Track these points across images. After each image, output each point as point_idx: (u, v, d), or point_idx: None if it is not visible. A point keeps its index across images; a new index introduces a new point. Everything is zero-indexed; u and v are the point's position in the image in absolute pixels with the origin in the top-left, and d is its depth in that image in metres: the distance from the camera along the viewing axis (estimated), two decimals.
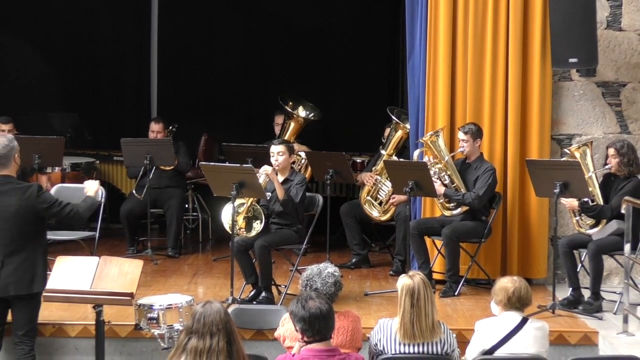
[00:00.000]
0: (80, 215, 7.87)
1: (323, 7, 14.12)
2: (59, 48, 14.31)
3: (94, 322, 7.72)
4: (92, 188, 8.12)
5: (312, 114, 12.02)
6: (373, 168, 11.15)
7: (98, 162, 12.88)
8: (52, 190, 9.82)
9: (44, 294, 7.61)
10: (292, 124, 11.95)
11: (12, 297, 7.61)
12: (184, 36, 14.49)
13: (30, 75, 14.27)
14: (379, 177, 10.93)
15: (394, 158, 10.76)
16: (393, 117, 11.01)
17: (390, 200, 10.82)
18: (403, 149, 10.97)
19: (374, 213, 11.00)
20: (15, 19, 14.03)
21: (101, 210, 10.10)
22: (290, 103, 11.94)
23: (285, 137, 11.53)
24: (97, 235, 10.18)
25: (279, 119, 12.18)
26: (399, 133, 10.97)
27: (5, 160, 7.60)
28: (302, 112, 11.96)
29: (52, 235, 9.37)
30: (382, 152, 11.05)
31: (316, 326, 5.82)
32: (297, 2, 13.98)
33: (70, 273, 7.58)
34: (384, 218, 11.02)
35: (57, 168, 11.72)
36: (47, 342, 8.23)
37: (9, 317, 7.81)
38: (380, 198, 10.95)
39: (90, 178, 11.74)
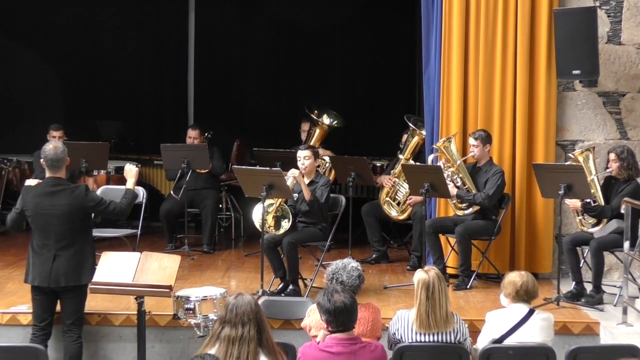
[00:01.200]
0: (123, 210, 7.95)
1: (348, 28, 14.19)
2: (105, 63, 14.41)
3: (136, 312, 7.75)
4: (131, 175, 8.17)
5: (336, 121, 12.02)
6: (392, 171, 11.14)
7: (140, 165, 12.82)
8: (98, 191, 9.86)
9: (91, 286, 7.67)
10: (317, 131, 11.95)
11: (61, 289, 7.67)
12: (218, 51, 14.57)
13: (78, 87, 14.37)
14: (397, 180, 10.91)
15: (411, 162, 10.73)
16: (410, 125, 11.00)
17: (408, 201, 10.81)
18: (419, 154, 10.95)
19: (393, 213, 10.99)
20: (67, 39, 14.13)
21: (142, 210, 10.17)
22: (316, 111, 11.95)
23: (311, 143, 11.53)
24: (139, 232, 10.20)
25: (305, 126, 12.20)
26: (416, 139, 10.95)
27: (61, 163, 7.72)
28: (326, 119, 11.96)
29: (97, 233, 9.41)
30: (400, 156, 11.04)
31: (340, 319, 5.84)
32: (326, 24, 14.01)
33: (114, 267, 7.63)
34: (401, 217, 11.01)
35: (102, 171, 11.77)
36: (93, 330, 8.26)
37: (58, 307, 7.85)
38: (399, 199, 10.94)
39: None
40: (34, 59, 14.20)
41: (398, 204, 10.95)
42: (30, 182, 7.96)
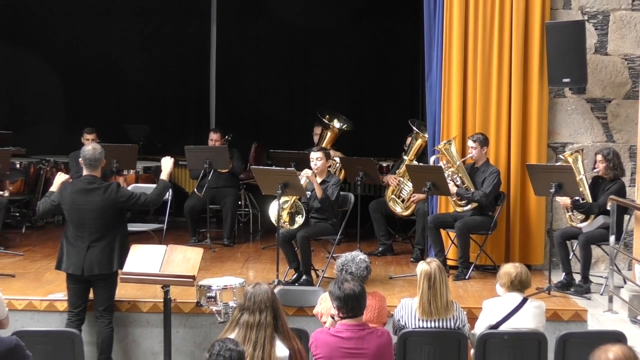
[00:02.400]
0: (154, 201, 7.97)
1: (357, 40, 14.19)
2: (134, 71, 14.44)
3: (162, 300, 7.76)
4: (166, 167, 8.17)
5: (346, 125, 12.01)
6: (397, 171, 11.14)
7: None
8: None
9: (121, 275, 7.70)
10: (329, 134, 11.95)
11: (94, 278, 7.71)
12: (237, 61, 14.61)
13: (110, 94, 14.41)
14: (401, 179, 10.91)
15: (415, 163, 10.73)
16: (414, 128, 11.00)
17: (411, 198, 10.80)
18: (422, 155, 10.93)
19: (398, 209, 10.98)
20: (98, 49, 14.16)
21: (168, 206, 10.19)
22: (327, 116, 11.95)
23: (323, 145, 11.54)
24: (165, 227, 10.23)
25: (317, 130, 12.19)
26: (419, 141, 10.95)
27: (97, 163, 7.79)
28: (337, 123, 11.96)
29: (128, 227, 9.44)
30: (405, 157, 11.04)
31: (349, 305, 5.84)
32: (336, 37, 14.06)
33: (142, 259, 7.64)
34: (405, 213, 11.00)
35: (131, 171, 11.80)
36: (123, 316, 8.28)
37: (91, 295, 7.89)
38: (403, 196, 10.93)
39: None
40: (69, 68, 14.27)
41: (402, 201, 10.94)
42: (61, 176, 8.02)
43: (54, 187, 7.95)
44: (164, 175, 8.13)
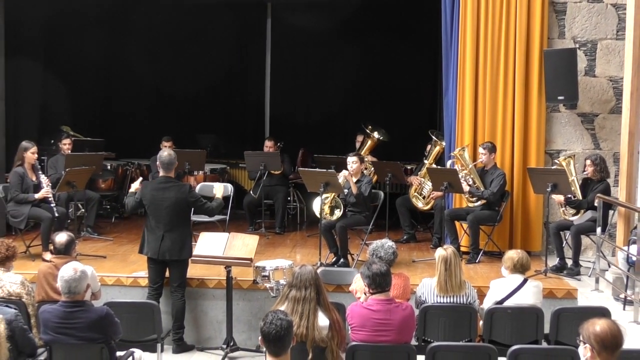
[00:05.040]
0: (213, 211, 8.02)
1: (387, 64, 14.04)
2: (204, 90, 14.50)
3: (225, 278, 7.84)
4: (220, 191, 8.26)
5: (384, 137, 12.00)
6: (419, 173, 11.10)
7: (229, 168, 13.00)
8: (197, 188, 9.97)
9: (192, 258, 7.78)
10: (369, 142, 11.93)
11: (169, 261, 7.77)
12: (288, 80, 14.57)
13: (184, 109, 14.50)
14: (422, 179, 10.88)
15: (434, 166, 10.69)
16: (433, 137, 10.97)
17: (431, 195, 10.76)
18: (440, 160, 10.89)
19: (419, 204, 10.95)
20: (177, 74, 14.24)
21: (230, 201, 10.23)
22: (370, 127, 11.95)
23: (362, 152, 11.53)
24: (227, 218, 10.27)
25: (359, 138, 12.15)
26: (437, 148, 10.91)
27: (170, 166, 7.82)
28: (377, 134, 11.94)
29: (197, 218, 9.51)
30: (425, 161, 11.00)
31: (377, 280, 5.84)
32: (370, 60, 14.03)
33: (209, 244, 7.71)
34: (426, 208, 10.96)
35: (200, 172, 11.86)
36: (194, 291, 8.34)
37: (167, 274, 7.96)
38: (424, 194, 10.90)
39: (223, 180, 11.93)
40: (154, 88, 14.42)
41: (424, 197, 10.91)
42: (137, 181, 8.13)
43: (133, 189, 8.04)
44: (219, 195, 8.18)
